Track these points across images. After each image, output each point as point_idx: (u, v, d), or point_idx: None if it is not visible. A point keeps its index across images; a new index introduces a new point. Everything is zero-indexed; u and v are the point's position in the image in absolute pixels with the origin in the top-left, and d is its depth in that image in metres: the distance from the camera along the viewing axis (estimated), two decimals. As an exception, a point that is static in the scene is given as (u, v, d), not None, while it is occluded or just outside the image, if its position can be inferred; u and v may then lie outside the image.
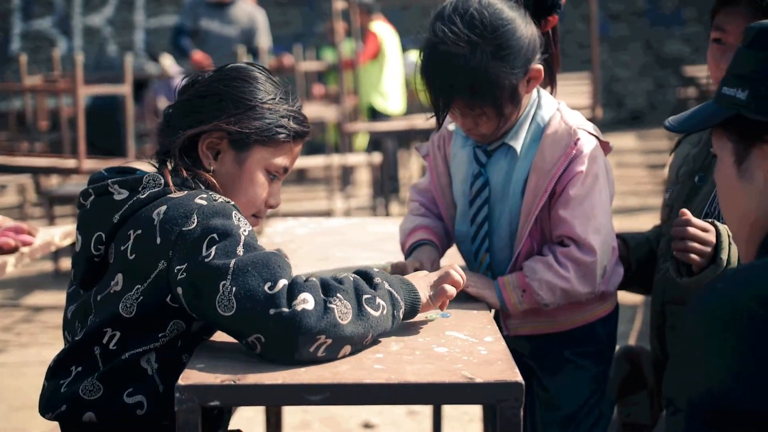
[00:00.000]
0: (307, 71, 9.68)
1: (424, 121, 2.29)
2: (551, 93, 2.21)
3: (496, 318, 2.21)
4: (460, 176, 2.22)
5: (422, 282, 1.82)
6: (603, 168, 2.08)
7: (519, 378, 1.55)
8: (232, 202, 1.75)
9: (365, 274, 1.74)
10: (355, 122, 8.37)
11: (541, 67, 2.06)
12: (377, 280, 1.72)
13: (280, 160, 1.89)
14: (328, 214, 7.28)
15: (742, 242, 1.42)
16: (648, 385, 2.34)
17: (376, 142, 8.18)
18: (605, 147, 2.11)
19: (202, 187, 1.80)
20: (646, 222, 7.41)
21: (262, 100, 1.86)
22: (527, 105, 2.11)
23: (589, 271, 2.04)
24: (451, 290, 1.82)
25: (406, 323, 1.85)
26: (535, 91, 2.13)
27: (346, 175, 9.15)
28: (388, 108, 9.03)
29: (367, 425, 4.03)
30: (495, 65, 1.99)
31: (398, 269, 2.11)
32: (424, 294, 1.80)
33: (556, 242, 2.08)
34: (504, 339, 2.10)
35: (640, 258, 2.32)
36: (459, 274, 1.84)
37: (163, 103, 9.78)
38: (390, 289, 1.73)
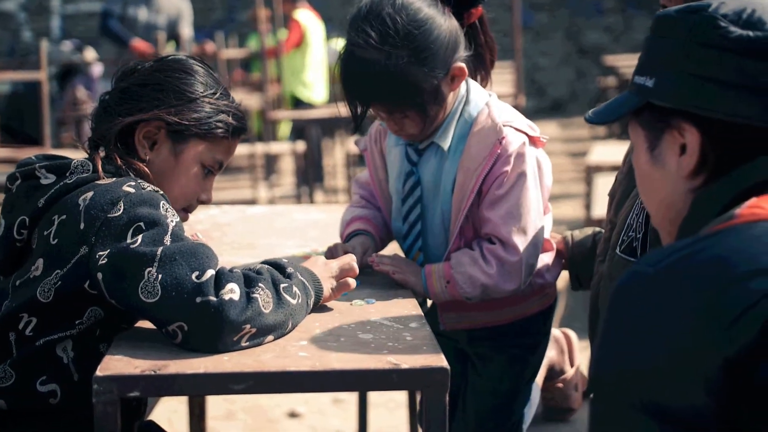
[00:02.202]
0: (229, 59, 9.57)
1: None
2: (486, 85, 2.17)
3: (434, 312, 2.20)
4: (394, 173, 2.19)
5: (324, 272, 1.83)
6: (532, 165, 2.03)
7: (444, 363, 1.55)
8: (161, 192, 1.73)
9: (276, 264, 1.75)
10: (278, 110, 8.31)
11: (462, 64, 2.02)
12: (289, 269, 1.74)
13: (217, 155, 1.89)
14: (252, 202, 7.20)
15: (664, 229, 1.43)
16: (573, 368, 2.36)
17: (299, 131, 8.13)
18: (537, 141, 2.06)
19: (132, 176, 1.77)
20: (568, 210, 7.52)
21: (203, 93, 1.86)
22: (455, 101, 2.07)
23: (513, 270, 2.02)
24: (353, 283, 1.85)
25: (328, 309, 1.84)
26: (463, 85, 2.09)
27: (270, 163, 9.08)
28: (311, 97, 8.98)
29: (292, 414, 4.01)
30: (413, 70, 1.95)
31: (330, 253, 2.12)
32: (326, 286, 1.81)
33: (485, 239, 2.07)
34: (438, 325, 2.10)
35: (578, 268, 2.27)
36: (356, 263, 1.88)
37: (81, 92, 9.57)
38: (301, 278, 1.74)
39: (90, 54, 9.79)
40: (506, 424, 2.19)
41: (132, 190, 1.68)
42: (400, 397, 3.97)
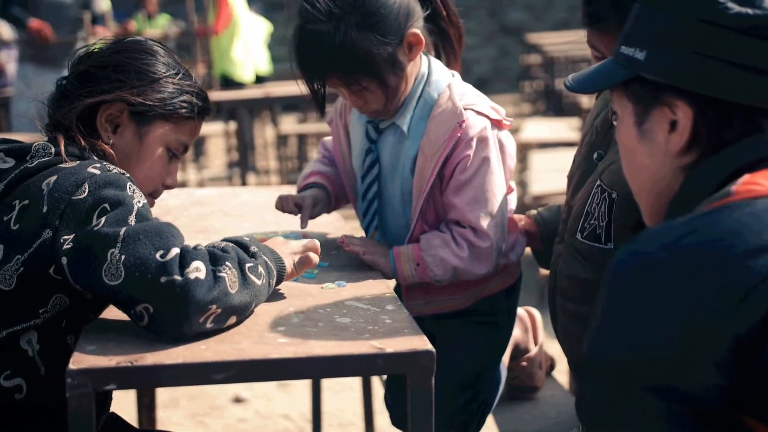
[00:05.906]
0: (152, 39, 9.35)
1: (278, 89, 2.22)
2: (454, 66, 2.12)
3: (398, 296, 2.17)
4: (356, 150, 2.17)
5: (284, 249, 1.78)
6: (494, 149, 2.01)
7: (429, 346, 1.52)
8: (128, 174, 1.66)
9: (240, 243, 1.68)
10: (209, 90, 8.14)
11: (418, 31, 1.99)
12: (253, 248, 1.68)
13: (181, 137, 1.83)
14: (182, 185, 7.07)
15: (646, 203, 1.41)
16: (537, 347, 2.36)
17: (230, 111, 7.99)
18: (500, 124, 2.04)
19: (96, 158, 1.70)
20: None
21: (166, 73, 1.80)
22: (416, 80, 2.04)
23: (484, 254, 2.01)
24: (315, 258, 1.79)
25: (300, 293, 1.79)
26: (425, 65, 2.05)
27: (198, 145, 8.92)
28: (242, 76, 8.82)
29: (237, 399, 3.95)
30: (363, 37, 1.92)
31: (280, 203, 2.14)
32: (288, 263, 1.76)
33: (453, 222, 2.04)
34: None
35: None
36: (317, 242, 1.82)
37: (2, 56, 9.30)
38: (265, 258, 1.69)
39: (5, 31, 9.48)
40: (473, 405, 2.17)
41: (97, 171, 1.61)
42: (348, 379, 3.94)
